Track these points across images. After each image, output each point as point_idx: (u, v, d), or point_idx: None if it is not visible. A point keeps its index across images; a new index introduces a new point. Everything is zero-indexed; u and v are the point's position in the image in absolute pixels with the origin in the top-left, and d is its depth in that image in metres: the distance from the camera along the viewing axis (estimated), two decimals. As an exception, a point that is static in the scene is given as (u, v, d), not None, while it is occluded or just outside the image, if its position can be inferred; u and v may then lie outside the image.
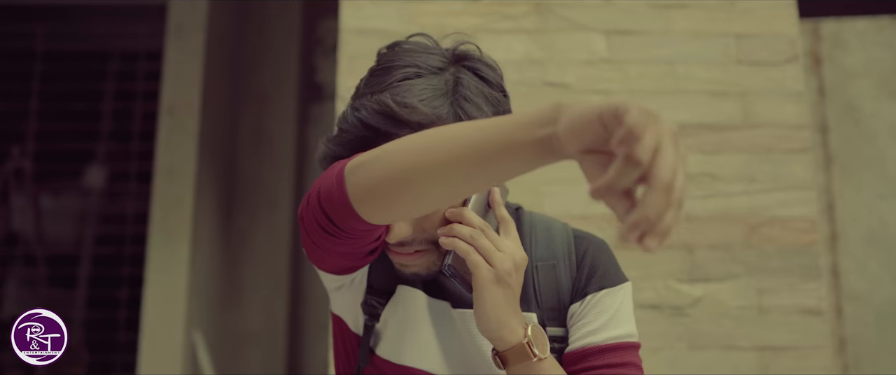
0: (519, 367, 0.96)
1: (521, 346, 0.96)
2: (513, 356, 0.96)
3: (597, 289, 1.07)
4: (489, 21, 2.06)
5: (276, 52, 3.76)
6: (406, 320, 1.07)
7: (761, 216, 1.98)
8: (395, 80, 0.94)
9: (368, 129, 0.92)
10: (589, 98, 2.04)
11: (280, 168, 3.67)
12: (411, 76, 0.95)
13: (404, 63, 0.97)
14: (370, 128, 0.92)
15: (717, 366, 1.90)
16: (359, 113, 0.93)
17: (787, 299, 1.94)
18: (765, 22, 2.09)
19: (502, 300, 0.96)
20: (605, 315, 1.05)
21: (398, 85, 0.94)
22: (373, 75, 0.98)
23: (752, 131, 2.02)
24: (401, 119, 0.92)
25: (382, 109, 0.92)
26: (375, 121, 0.92)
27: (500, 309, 0.96)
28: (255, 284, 3.54)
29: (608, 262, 1.12)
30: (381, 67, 0.98)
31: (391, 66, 0.97)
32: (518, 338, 0.96)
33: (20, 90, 3.60)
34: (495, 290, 0.95)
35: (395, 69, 0.96)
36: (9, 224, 3.61)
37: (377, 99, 0.93)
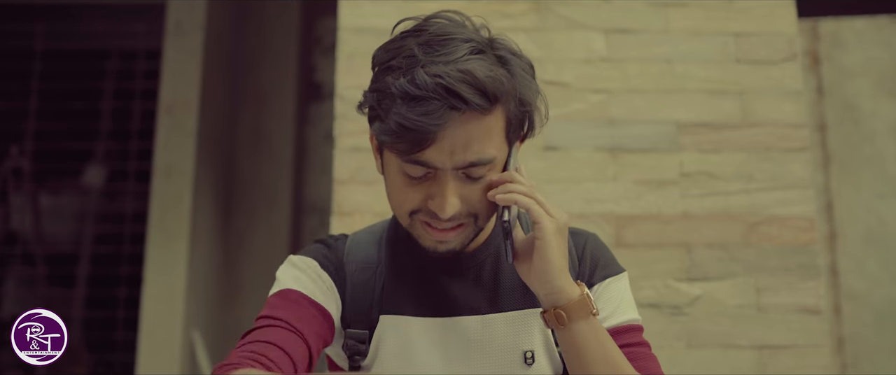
0: (580, 323, 0.97)
1: (583, 299, 0.98)
2: (575, 308, 0.97)
3: (602, 279, 1.11)
4: (488, 19, 2.04)
5: (274, 51, 3.76)
6: (401, 350, 1.07)
7: (760, 215, 1.98)
8: (466, 54, 0.94)
9: (452, 95, 0.91)
10: (588, 97, 2.04)
11: (279, 167, 3.67)
12: (476, 51, 0.95)
13: (464, 37, 0.96)
14: (454, 94, 0.91)
15: (715, 365, 1.90)
16: (442, 79, 0.91)
17: (786, 298, 1.94)
18: (763, 20, 2.09)
19: (563, 251, 0.99)
20: (613, 302, 1.09)
21: (469, 57, 0.94)
22: (432, 45, 0.95)
23: (750, 130, 2.02)
24: (484, 89, 0.92)
25: (470, 79, 0.92)
26: (460, 89, 0.91)
27: (562, 259, 0.98)
28: (253, 283, 3.54)
29: (607, 253, 1.16)
30: (440, 38, 0.96)
31: (452, 39, 0.95)
32: (577, 291, 0.98)
33: (19, 89, 3.60)
34: (559, 240, 0.98)
35: (458, 42, 0.95)
36: (8, 223, 3.61)
37: (461, 68, 0.92)
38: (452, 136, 0.93)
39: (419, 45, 0.96)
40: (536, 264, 0.98)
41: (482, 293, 1.09)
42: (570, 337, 0.98)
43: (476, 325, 1.07)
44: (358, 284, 1.09)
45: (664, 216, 1.98)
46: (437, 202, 0.97)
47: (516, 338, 1.07)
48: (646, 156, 2.01)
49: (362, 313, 1.08)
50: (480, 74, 0.92)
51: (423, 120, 0.91)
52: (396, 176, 1.01)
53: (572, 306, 0.97)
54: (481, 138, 0.96)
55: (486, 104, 0.93)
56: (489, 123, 0.96)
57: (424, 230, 1.02)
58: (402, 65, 0.95)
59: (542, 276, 0.98)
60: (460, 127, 0.93)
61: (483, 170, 0.98)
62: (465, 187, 0.98)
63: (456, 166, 0.96)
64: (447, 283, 1.09)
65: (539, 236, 0.98)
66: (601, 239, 1.19)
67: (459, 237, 1.02)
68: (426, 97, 0.91)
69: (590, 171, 2.00)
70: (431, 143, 0.93)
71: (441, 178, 0.97)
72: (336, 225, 1.94)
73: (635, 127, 2.02)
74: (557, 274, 0.97)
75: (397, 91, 0.93)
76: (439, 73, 0.92)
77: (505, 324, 1.07)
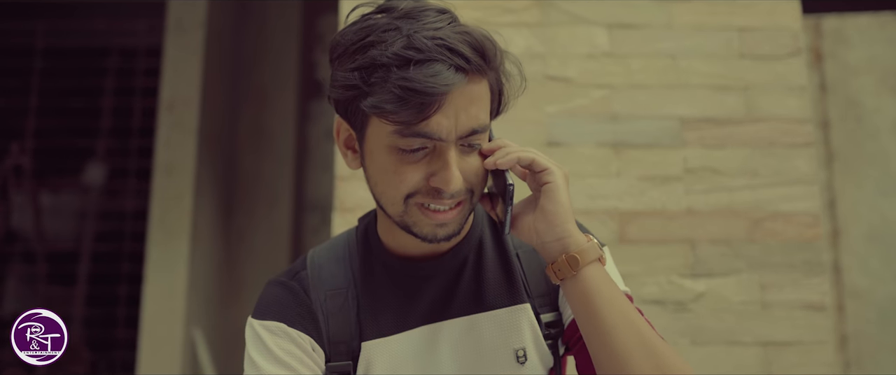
0: (591, 269, 0.94)
1: (593, 245, 0.95)
2: (586, 253, 0.94)
3: None
4: (490, 14, 2.05)
5: (275, 48, 3.75)
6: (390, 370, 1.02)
7: (764, 210, 1.97)
8: (449, 22, 0.93)
9: (457, 55, 0.89)
10: (591, 92, 2.03)
11: (280, 165, 3.66)
12: (454, 21, 0.94)
13: (437, 9, 0.95)
14: (459, 54, 0.89)
15: (719, 361, 1.89)
16: (445, 41, 0.89)
17: (790, 294, 1.92)
18: (767, 15, 2.07)
19: (570, 200, 0.97)
20: None
21: (454, 24, 0.93)
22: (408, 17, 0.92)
23: (754, 125, 2.01)
24: (483, 50, 0.92)
25: (471, 40, 0.91)
26: (463, 49, 0.90)
27: (570, 208, 0.97)
28: (254, 281, 3.53)
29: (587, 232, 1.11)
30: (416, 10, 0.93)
31: (429, 10, 0.93)
32: (585, 238, 0.96)
33: (20, 86, 3.60)
34: (567, 189, 0.97)
35: (435, 13, 0.93)
36: (8, 221, 3.60)
37: (458, 30, 0.91)
38: (457, 101, 0.90)
39: (397, 18, 0.92)
40: (548, 209, 0.95)
41: (466, 293, 1.05)
42: (582, 285, 0.94)
43: (463, 327, 1.03)
44: (332, 313, 1.03)
45: (668, 212, 1.96)
46: (442, 176, 0.92)
47: (506, 337, 1.03)
48: (649, 151, 2.00)
49: (342, 343, 1.03)
50: (477, 35, 0.92)
51: (431, 81, 0.87)
52: (388, 158, 0.94)
53: (584, 250, 0.94)
54: (479, 103, 0.94)
55: (483, 65, 0.92)
56: (482, 89, 0.94)
57: (423, 215, 0.96)
58: (386, 39, 0.90)
59: (553, 219, 0.95)
60: (463, 90, 0.91)
61: (479, 137, 0.95)
62: (463, 160, 0.95)
63: (460, 134, 0.92)
64: (428, 288, 1.05)
65: (550, 179, 0.96)
66: (603, 234, 1.17)
67: (458, 217, 0.97)
68: (430, 58, 0.88)
69: (593, 167, 1.99)
70: (437, 109, 0.89)
71: (443, 151, 0.93)
72: (338, 222, 1.93)
73: (639, 122, 2.01)
74: (568, 218, 0.95)
75: (393, 58, 0.88)
76: (439, 36, 0.89)
77: (492, 323, 1.03)
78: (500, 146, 0.98)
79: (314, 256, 1.10)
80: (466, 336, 1.03)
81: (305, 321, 1.03)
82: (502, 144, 0.99)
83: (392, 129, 0.91)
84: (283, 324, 1.02)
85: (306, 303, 1.04)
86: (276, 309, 1.04)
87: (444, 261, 1.05)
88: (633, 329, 0.91)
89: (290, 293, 1.05)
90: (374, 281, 1.06)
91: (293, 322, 1.03)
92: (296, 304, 1.04)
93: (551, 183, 0.96)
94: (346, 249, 1.10)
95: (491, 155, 0.98)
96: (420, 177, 0.94)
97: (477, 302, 1.04)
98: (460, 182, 0.93)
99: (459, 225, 0.98)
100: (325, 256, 1.10)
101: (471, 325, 1.03)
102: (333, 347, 1.03)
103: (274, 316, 1.03)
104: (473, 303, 1.04)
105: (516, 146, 0.99)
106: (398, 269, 1.05)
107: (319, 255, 1.10)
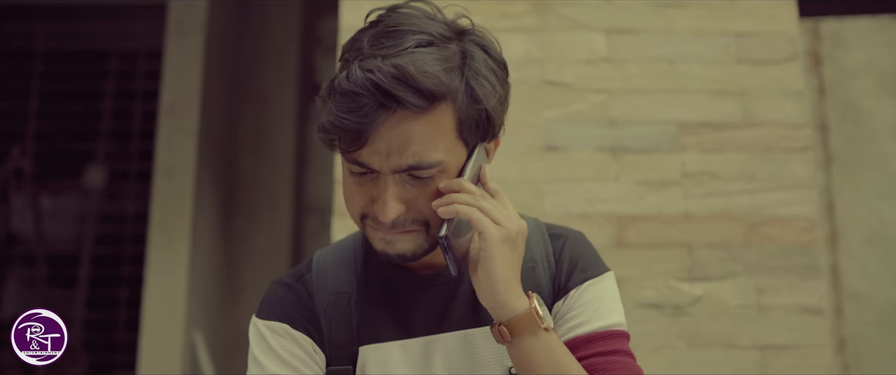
0: (526, 339, 0.92)
1: (529, 313, 0.92)
2: (520, 324, 0.92)
3: (579, 283, 1.04)
4: (488, 19, 2.06)
5: (276, 51, 3.76)
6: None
7: (761, 215, 1.98)
8: (410, 47, 0.89)
9: (380, 93, 0.86)
10: (589, 97, 2.04)
11: (280, 167, 3.67)
12: (424, 44, 0.90)
13: (415, 28, 0.91)
14: (383, 91, 0.86)
15: (717, 365, 1.90)
16: (373, 75, 0.86)
17: (787, 298, 1.93)
18: (765, 20, 2.08)
19: (511, 262, 0.93)
20: (589, 307, 1.02)
21: (413, 51, 0.89)
22: (379, 37, 0.91)
23: (752, 130, 2.02)
24: (418, 86, 0.87)
25: (401, 75, 0.87)
26: (390, 85, 0.86)
27: (509, 271, 0.92)
28: (254, 284, 3.54)
29: (587, 254, 1.09)
30: (390, 30, 0.91)
31: (399, 31, 0.91)
32: (525, 305, 0.93)
33: (20, 90, 3.60)
34: (505, 249, 0.92)
35: (405, 34, 0.90)
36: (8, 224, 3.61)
37: (394, 63, 0.87)
38: (388, 136, 0.89)
39: (369, 37, 0.91)
40: (480, 277, 0.92)
41: (461, 308, 1.04)
42: (517, 354, 0.93)
43: (457, 342, 1.02)
44: (333, 318, 1.04)
45: (666, 216, 1.97)
46: (379, 205, 0.93)
47: (499, 353, 1.01)
48: (647, 156, 2.01)
49: (343, 348, 1.03)
50: (415, 70, 0.87)
51: (349, 118, 0.87)
52: (347, 176, 0.96)
53: (516, 321, 0.92)
54: (422, 140, 0.90)
55: (421, 103, 0.88)
56: (431, 124, 0.90)
57: (374, 232, 0.97)
58: (350, 60, 0.91)
59: (486, 290, 0.92)
60: (396, 127, 0.88)
61: (429, 172, 0.92)
62: (410, 191, 0.93)
63: (394, 169, 0.91)
64: (424, 300, 1.04)
65: (482, 247, 0.92)
66: (601, 238, 1.16)
67: (410, 242, 0.96)
68: (357, 93, 0.87)
69: (591, 172, 2.00)
70: (364, 143, 0.89)
71: (381, 181, 0.92)
72: (337, 226, 1.94)
73: (637, 127, 2.02)
74: (501, 289, 0.92)
75: (335, 86, 0.89)
76: (371, 68, 0.87)
77: (486, 339, 1.02)
78: (454, 189, 0.94)
79: (320, 259, 1.11)
80: (460, 351, 1.02)
81: (308, 323, 1.04)
82: (457, 187, 0.94)
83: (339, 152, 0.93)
84: (287, 325, 1.03)
85: (310, 306, 1.05)
86: (280, 309, 1.05)
87: (439, 274, 1.05)
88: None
89: (295, 295, 1.06)
90: (373, 288, 1.06)
91: (296, 323, 1.03)
92: (299, 306, 1.05)
93: (483, 250, 0.92)
94: (351, 253, 1.10)
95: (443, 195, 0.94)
96: (366, 200, 0.95)
97: (472, 318, 1.03)
98: (395, 212, 0.92)
99: (414, 248, 0.96)
100: (331, 260, 1.10)
101: (465, 340, 1.03)
102: (334, 351, 1.03)
103: (278, 317, 1.04)
104: (468, 318, 1.03)
105: (472, 192, 0.94)
106: (395, 278, 1.06)
107: (325, 258, 1.10)
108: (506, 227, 0.93)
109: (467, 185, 0.94)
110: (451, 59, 0.92)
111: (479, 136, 0.97)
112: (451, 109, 0.92)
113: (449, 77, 0.90)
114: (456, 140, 0.93)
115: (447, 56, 0.91)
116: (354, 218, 0.98)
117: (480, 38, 0.97)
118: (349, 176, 0.96)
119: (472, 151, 0.97)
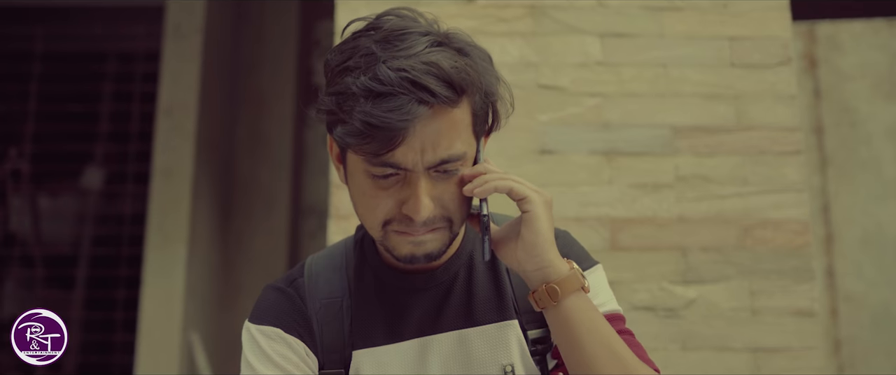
0: (571, 299, 0.94)
1: (574, 273, 0.95)
2: (568, 283, 0.94)
3: None
4: (484, 24, 2.07)
5: (273, 54, 3.77)
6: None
7: (754, 218, 1.99)
8: (425, 47, 0.90)
9: (419, 89, 0.87)
10: (583, 100, 2.05)
11: (277, 170, 3.68)
12: (435, 44, 0.92)
13: (421, 30, 0.93)
14: (422, 87, 0.87)
15: (710, 367, 1.91)
16: (407, 73, 0.87)
17: (780, 300, 1.95)
18: (758, 25, 2.10)
19: (550, 225, 0.97)
20: (593, 293, 1.04)
21: (430, 50, 0.90)
22: (390, 40, 0.91)
23: (745, 133, 2.04)
24: (450, 80, 0.89)
25: (435, 71, 0.88)
26: (427, 81, 0.87)
27: (551, 234, 0.96)
28: (252, 285, 3.55)
29: (577, 249, 1.12)
30: (398, 33, 0.92)
31: (408, 33, 0.92)
32: (567, 267, 0.96)
33: (18, 91, 3.61)
34: (548, 215, 0.96)
35: (415, 35, 0.92)
36: (6, 225, 3.61)
37: (423, 60, 0.88)
38: (422, 133, 0.90)
39: (376, 42, 0.92)
40: (527, 238, 0.95)
41: (456, 308, 1.05)
42: (563, 314, 0.95)
43: (452, 342, 1.04)
44: (326, 323, 1.04)
45: (659, 219, 1.99)
46: (411, 205, 0.93)
47: (494, 353, 1.03)
48: (641, 159, 2.02)
49: (336, 352, 1.04)
50: (446, 65, 0.89)
51: (390, 116, 0.87)
52: (364, 181, 0.95)
53: (565, 280, 0.94)
54: (451, 133, 0.92)
55: (454, 96, 0.90)
56: (457, 117, 0.93)
57: (400, 237, 0.97)
58: (361, 64, 0.90)
59: (533, 250, 0.95)
60: (430, 122, 0.90)
61: (455, 165, 0.94)
62: (437, 187, 0.95)
63: (428, 165, 0.92)
64: (419, 302, 1.05)
65: (529, 208, 0.95)
66: (595, 241, 1.18)
67: (437, 239, 0.97)
68: (392, 92, 0.87)
69: (585, 175, 2.01)
70: (401, 142, 0.89)
71: (413, 180, 0.93)
72: (334, 229, 1.95)
73: (631, 130, 2.04)
74: (548, 248, 0.95)
75: (360, 89, 0.88)
76: (403, 67, 0.88)
77: (481, 339, 1.04)
78: (480, 172, 0.97)
79: (312, 264, 1.11)
80: (456, 351, 1.03)
81: (300, 327, 1.05)
82: (483, 170, 0.97)
83: (363, 156, 0.93)
84: (279, 329, 1.04)
85: (302, 310, 1.06)
86: (272, 314, 1.06)
87: (435, 275, 1.06)
88: (613, 360, 0.93)
89: (287, 299, 1.07)
90: (366, 291, 1.07)
91: (289, 328, 1.04)
92: (292, 311, 1.06)
93: (530, 212, 0.95)
94: (343, 258, 1.11)
95: (470, 181, 0.97)
96: (393, 204, 0.95)
97: (467, 317, 1.05)
98: (430, 210, 0.94)
99: (440, 246, 0.98)
100: (323, 265, 1.11)
101: (460, 340, 1.04)
102: (327, 355, 1.04)
103: (271, 321, 1.05)
104: (463, 318, 1.05)
105: (497, 171, 0.98)
106: (390, 281, 1.07)
107: (317, 263, 1.11)
108: (541, 192, 0.97)
109: (491, 166, 0.99)
110: (457, 57, 0.93)
111: (484, 130, 1.01)
112: (469, 104, 0.95)
113: (466, 73, 0.92)
114: (471, 133, 0.97)
115: (452, 55, 0.93)
116: (374, 227, 0.98)
117: (463, 37, 0.99)
118: (370, 181, 0.95)
119: (478, 143, 1.00)
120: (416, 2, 2.09)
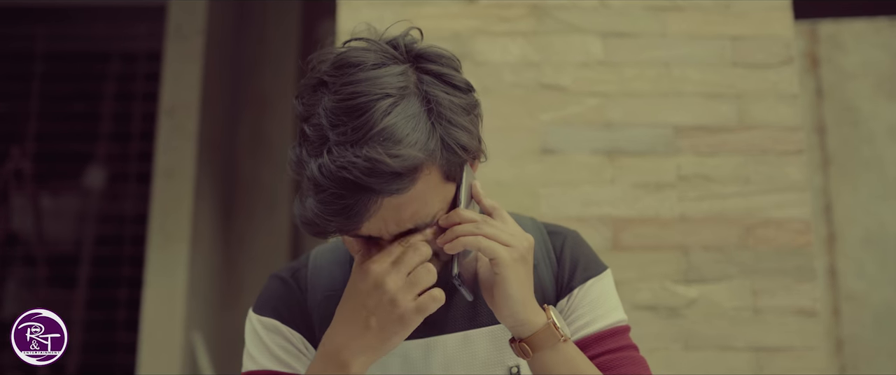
0: (546, 353, 0.93)
1: (548, 327, 0.93)
2: (540, 339, 0.93)
3: (582, 281, 1.06)
4: (486, 23, 2.07)
5: (275, 54, 3.77)
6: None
7: (756, 217, 1.99)
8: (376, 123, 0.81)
9: (360, 190, 0.81)
10: (585, 100, 2.05)
11: (279, 170, 3.68)
12: (386, 110, 0.82)
13: (372, 92, 0.83)
14: (363, 188, 0.81)
15: (712, 367, 1.91)
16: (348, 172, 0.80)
17: (782, 300, 1.94)
18: (760, 24, 2.10)
19: (525, 279, 0.93)
20: (595, 305, 1.04)
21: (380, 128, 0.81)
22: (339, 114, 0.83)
23: (747, 133, 2.03)
24: (395, 172, 0.81)
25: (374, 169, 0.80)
26: (368, 183, 0.81)
27: (524, 289, 0.92)
28: (253, 285, 3.55)
29: (587, 252, 1.10)
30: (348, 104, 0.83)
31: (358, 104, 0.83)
32: (543, 320, 0.93)
33: (20, 91, 3.62)
34: (519, 269, 0.92)
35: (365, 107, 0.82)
36: (9, 224, 3.62)
37: (365, 155, 0.80)
38: (379, 217, 0.85)
39: (327, 112, 0.84)
40: (497, 299, 0.92)
41: (461, 308, 1.04)
42: (538, 367, 0.94)
43: (457, 343, 1.03)
44: (326, 316, 1.02)
45: (661, 219, 1.99)
46: None
47: (500, 354, 1.03)
48: (643, 159, 2.02)
49: None
50: (388, 157, 0.80)
51: (336, 219, 0.83)
52: None
53: (537, 337, 0.93)
54: (413, 205, 0.87)
55: (403, 184, 0.83)
56: (418, 189, 0.86)
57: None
58: (314, 139, 0.84)
59: (504, 310, 0.92)
60: (385, 208, 0.85)
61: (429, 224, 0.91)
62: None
63: (395, 235, 0.90)
64: None
65: (496, 271, 0.91)
66: (597, 241, 1.16)
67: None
68: (338, 193, 0.82)
69: (587, 174, 2.01)
70: (358, 228, 0.86)
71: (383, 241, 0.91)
72: (335, 228, 1.95)
73: (632, 130, 2.03)
74: (520, 309, 0.92)
75: (309, 177, 0.83)
76: (344, 165, 0.80)
77: (487, 340, 1.03)
78: (455, 221, 0.92)
79: (317, 256, 1.11)
80: (461, 352, 1.03)
81: (299, 319, 1.05)
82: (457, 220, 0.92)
83: None
84: (277, 321, 1.04)
85: (301, 302, 1.06)
86: (272, 305, 1.06)
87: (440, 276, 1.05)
88: None
89: (288, 290, 1.07)
90: None
91: (287, 319, 1.04)
92: (291, 302, 1.06)
93: (499, 274, 0.91)
94: (346, 253, 1.10)
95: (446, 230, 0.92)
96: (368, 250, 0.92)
97: (472, 319, 1.04)
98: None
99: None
100: (327, 258, 1.10)
101: (465, 341, 1.03)
102: None
103: (270, 313, 1.05)
104: (469, 319, 1.04)
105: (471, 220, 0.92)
106: None
107: (322, 256, 1.11)
108: (515, 247, 0.92)
109: (465, 214, 0.92)
110: (417, 115, 0.85)
111: (461, 169, 0.94)
112: (435, 167, 0.87)
113: (423, 142, 0.84)
114: (444, 184, 0.91)
115: (413, 112, 0.85)
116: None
117: (435, 63, 0.91)
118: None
119: (460, 178, 0.94)
120: (418, 2, 2.09)
